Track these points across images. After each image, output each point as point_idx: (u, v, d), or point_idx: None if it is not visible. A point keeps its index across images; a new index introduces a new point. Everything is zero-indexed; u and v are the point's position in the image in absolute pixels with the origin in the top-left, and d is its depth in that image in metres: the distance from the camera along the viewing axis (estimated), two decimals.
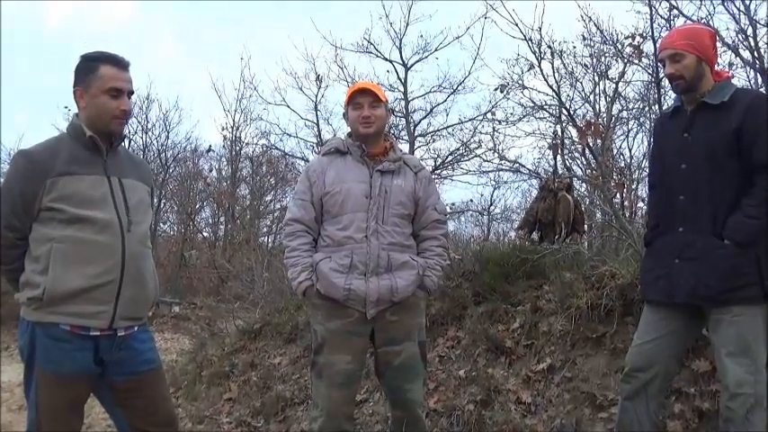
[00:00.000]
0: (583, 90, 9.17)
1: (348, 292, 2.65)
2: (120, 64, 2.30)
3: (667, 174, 2.63)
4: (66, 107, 11.89)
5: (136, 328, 2.33)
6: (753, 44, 5.51)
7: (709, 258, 2.43)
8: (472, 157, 11.50)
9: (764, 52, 5.57)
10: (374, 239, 2.69)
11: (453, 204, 12.32)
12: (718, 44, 3.37)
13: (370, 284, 2.65)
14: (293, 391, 4.48)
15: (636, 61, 6.01)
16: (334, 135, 9.65)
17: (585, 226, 6.04)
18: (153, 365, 2.39)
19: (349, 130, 2.88)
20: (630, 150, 10.05)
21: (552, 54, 5.50)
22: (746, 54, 5.65)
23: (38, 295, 2.16)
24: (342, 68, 11.58)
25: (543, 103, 7.52)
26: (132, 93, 2.34)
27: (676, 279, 2.50)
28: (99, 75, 2.26)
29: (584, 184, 8.06)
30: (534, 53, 5.05)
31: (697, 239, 2.47)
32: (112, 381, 2.29)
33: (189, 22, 25.02)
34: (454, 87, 11.40)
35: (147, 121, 15.73)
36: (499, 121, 10.49)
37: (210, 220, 17.31)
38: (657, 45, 3.23)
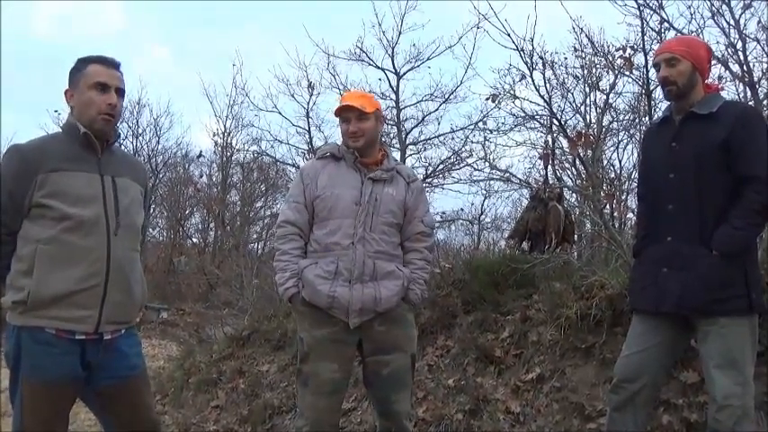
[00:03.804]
0: (574, 101, 9.19)
1: (332, 299, 2.62)
2: (108, 62, 2.30)
3: (656, 183, 2.64)
4: (56, 111, 11.87)
5: (122, 331, 2.31)
6: (742, 58, 5.56)
7: (696, 268, 2.43)
8: (463, 166, 11.49)
9: (753, 66, 5.63)
10: (360, 246, 2.66)
11: (444, 213, 12.32)
12: None
13: (353, 292, 2.62)
14: (281, 398, 4.45)
15: (627, 73, 6.04)
16: (326, 142, 9.68)
17: (575, 236, 6.07)
18: (137, 370, 2.36)
19: None
20: (621, 161, 10.09)
21: (544, 65, 5.51)
22: (736, 68, 5.70)
23: (22, 299, 2.13)
24: (334, 76, 11.56)
25: (534, 113, 7.51)
26: (122, 91, 2.32)
27: (663, 288, 2.50)
28: (86, 72, 2.26)
29: (574, 195, 8.09)
30: (526, 63, 5.05)
31: (685, 249, 2.47)
32: (97, 385, 2.26)
33: (181, 28, 25.04)
34: (446, 96, 11.38)
35: (138, 126, 15.78)
36: (490, 131, 10.49)
37: (200, 226, 17.30)
38: (651, 54, 3.24)
